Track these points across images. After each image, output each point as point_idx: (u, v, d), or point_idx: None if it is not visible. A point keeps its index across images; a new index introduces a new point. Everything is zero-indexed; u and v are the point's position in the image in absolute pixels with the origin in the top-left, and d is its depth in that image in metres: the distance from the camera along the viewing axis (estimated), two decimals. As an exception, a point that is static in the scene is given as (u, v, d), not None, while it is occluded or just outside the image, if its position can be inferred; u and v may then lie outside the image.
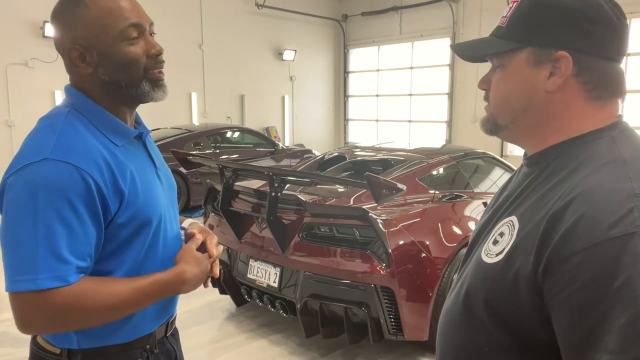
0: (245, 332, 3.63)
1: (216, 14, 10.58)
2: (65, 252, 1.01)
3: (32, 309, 1.01)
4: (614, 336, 0.64)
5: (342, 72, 13.68)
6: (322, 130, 13.50)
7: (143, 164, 1.20)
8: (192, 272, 1.18)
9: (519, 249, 0.78)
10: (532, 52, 0.83)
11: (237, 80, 11.21)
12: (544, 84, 0.83)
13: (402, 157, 4.04)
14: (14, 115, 8.34)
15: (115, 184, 1.09)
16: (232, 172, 3.42)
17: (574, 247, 0.69)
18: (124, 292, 1.08)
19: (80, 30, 1.09)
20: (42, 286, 0.99)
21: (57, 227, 1.01)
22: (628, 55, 8.66)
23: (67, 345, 1.14)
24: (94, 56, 1.10)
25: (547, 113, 0.85)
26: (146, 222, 1.15)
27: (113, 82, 1.12)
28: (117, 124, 1.15)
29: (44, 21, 8.29)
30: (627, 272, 0.65)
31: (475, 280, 0.86)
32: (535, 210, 0.79)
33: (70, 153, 1.04)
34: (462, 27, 10.91)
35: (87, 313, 1.05)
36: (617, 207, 0.69)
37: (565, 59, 0.80)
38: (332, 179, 3.66)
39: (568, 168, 0.80)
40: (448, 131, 11.57)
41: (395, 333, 2.92)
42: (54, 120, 1.11)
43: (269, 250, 3.28)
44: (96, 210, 1.06)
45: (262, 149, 8.18)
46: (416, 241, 3.00)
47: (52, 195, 1.01)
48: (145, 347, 1.22)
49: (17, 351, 3.36)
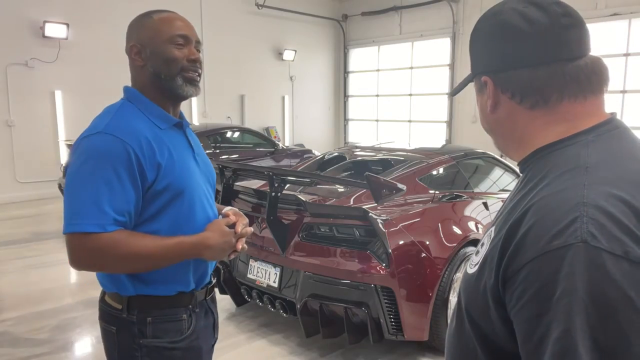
0: (245, 332, 3.63)
1: (216, 14, 10.58)
2: (106, 206, 1.28)
3: (79, 247, 1.29)
4: (550, 350, 0.64)
5: (342, 72, 13.69)
6: (322, 130, 13.50)
7: (182, 146, 1.47)
8: (216, 240, 1.41)
9: (487, 261, 0.78)
10: (475, 82, 0.91)
11: (237, 80, 11.21)
12: (487, 107, 0.88)
13: (402, 157, 4.03)
14: (14, 115, 8.34)
15: (153, 157, 1.35)
16: (232, 172, 3.42)
17: (523, 259, 0.69)
18: (150, 246, 1.33)
19: (141, 32, 1.43)
20: (85, 229, 1.26)
21: (102, 186, 1.28)
22: (628, 55, 8.67)
23: (127, 292, 1.40)
24: (147, 52, 1.42)
25: (502, 131, 0.89)
26: (180, 191, 1.39)
27: (156, 74, 1.42)
28: (160, 110, 1.44)
29: (44, 21, 8.29)
30: (563, 285, 0.64)
31: (462, 291, 0.87)
32: (505, 220, 0.78)
33: (119, 129, 1.33)
34: (462, 27, 10.91)
35: (120, 257, 1.30)
36: (562, 216, 0.68)
37: (488, 82, 0.86)
38: (332, 179, 3.66)
39: (537, 178, 0.80)
40: (448, 131, 11.57)
41: (395, 333, 2.92)
42: (112, 108, 1.42)
43: (269, 250, 3.28)
44: (134, 176, 1.32)
45: (262, 149, 8.18)
46: (416, 241, 3.00)
47: (101, 160, 1.29)
48: (188, 306, 1.46)
49: (17, 351, 3.36)
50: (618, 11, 8.68)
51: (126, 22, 1.52)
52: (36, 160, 8.56)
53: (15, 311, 4.00)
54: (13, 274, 4.92)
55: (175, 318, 1.44)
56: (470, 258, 0.87)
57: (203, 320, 1.55)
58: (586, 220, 0.66)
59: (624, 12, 8.69)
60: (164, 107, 1.46)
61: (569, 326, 0.63)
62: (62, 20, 8.53)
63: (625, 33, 8.74)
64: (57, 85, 8.71)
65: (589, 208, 0.67)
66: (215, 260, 1.51)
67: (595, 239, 0.64)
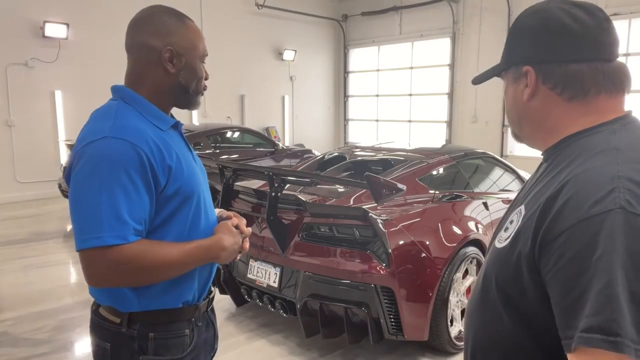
0: (245, 332, 3.63)
1: (216, 14, 10.58)
2: (125, 215, 1.19)
3: (99, 263, 1.18)
4: (591, 301, 0.72)
5: (342, 72, 13.69)
6: (322, 130, 13.50)
7: (183, 148, 1.41)
8: (229, 241, 1.38)
9: (522, 232, 0.87)
10: (512, 72, 0.99)
11: (237, 81, 11.22)
12: (522, 95, 0.97)
13: (402, 157, 4.03)
14: (14, 115, 8.34)
15: (163, 160, 1.28)
16: (232, 172, 3.42)
17: (562, 225, 0.78)
18: (174, 252, 1.27)
19: (177, 38, 1.34)
20: (107, 242, 1.17)
21: (118, 193, 1.19)
22: (628, 55, 8.67)
23: (128, 309, 1.31)
24: (182, 62, 1.36)
25: (534, 119, 0.98)
26: (189, 195, 1.34)
27: (185, 87, 1.38)
28: (158, 111, 1.36)
29: (44, 21, 8.29)
30: (603, 245, 0.73)
31: (489, 264, 0.95)
32: (537, 197, 0.88)
33: (126, 132, 1.24)
34: (462, 27, 10.91)
35: (145, 268, 1.23)
36: (600, 188, 0.77)
37: (530, 72, 0.94)
38: (332, 179, 3.66)
39: (567, 160, 0.89)
40: (448, 131, 11.57)
41: (395, 333, 2.92)
42: (107, 109, 1.32)
43: (269, 250, 3.28)
44: (148, 181, 1.24)
45: (262, 149, 8.18)
46: (416, 241, 3.00)
47: (113, 167, 1.19)
48: (191, 319, 1.40)
49: (17, 351, 3.36)
50: (618, 11, 8.68)
51: (126, 21, 1.43)
52: (36, 160, 8.56)
53: (15, 311, 4.01)
54: (13, 274, 4.92)
55: (178, 334, 1.38)
56: (498, 235, 0.96)
57: (204, 333, 1.49)
58: (622, 190, 0.76)
59: (624, 12, 8.69)
60: (163, 109, 1.40)
61: (610, 280, 0.71)
62: (62, 20, 8.53)
63: (625, 33, 8.74)
64: (57, 85, 8.71)
65: (624, 181, 0.77)
66: (226, 262, 1.47)
67: (632, 205, 0.74)
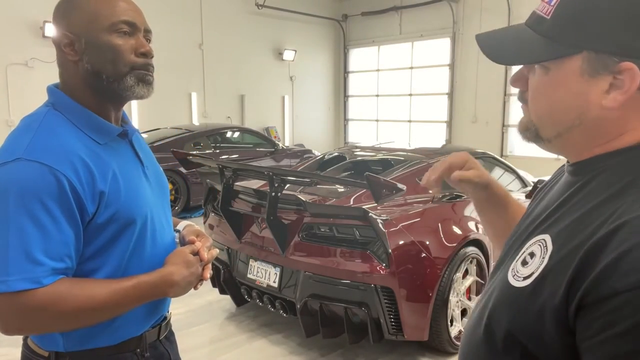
0: (245, 332, 3.63)
1: (216, 14, 10.58)
2: (38, 254, 0.99)
3: (6, 310, 1.00)
4: None
5: (342, 72, 13.68)
6: (322, 130, 13.50)
7: (128, 163, 1.18)
8: (181, 274, 1.14)
9: (550, 277, 0.66)
10: (588, 60, 0.67)
11: (237, 80, 11.21)
12: (601, 99, 0.67)
13: (402, 157, 4.04)
14: (14, 115, 8.33)
15: (93, 184, 1.06)
16: (232, 172, 3.42)
17: (617, 285, 0.58)
18: (103, 294, 1.05)
19: (74, 18, 1.10)
20: (13, 288, 0.97)
21: (29, 228, 0.99)
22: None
23: (54, 348, 1.13)
24: (82, 44, 1.09)
25: (600, 130, 0.70)
26: (130, 222, 1.12)
27: (95, 73, 1.11)
28: (98, 121, 1.13)
29: (44, 21, 8.29)
30: None
31: (499, 303, 0.74)
32: (574, 232, 0.67)
33: (44, 153, 1.02)
34: (462, 27, 10.91)
35: (64, 315, 1.03)
36: None
37: (631, 72, 0.65)
38: (332, 179, 3.66)
39: (615, 186, 0.67)
40: (448, 131, 11.57)
41: (395, 333, 2.92)
42: (32, 120, 1.10)
43: (269, 250, 3.28)
44: (72, 210, 1.03)
45: (262, 149, 8.18)
46: (416, 241, 3.00)
47: (24, 196, 0.99)
48: (135, 350, 1.18)
49: (17, 351, 3.35)
50: None
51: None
52: (36, 160, 8.56)
53: None
54: (13, 274, 4.92)
55: None
56: (512, 267, 0.74)
57: None
58: None
59: None
60: (103, 113, 1.15)
61: None
62: (62, 20, 8.53)
63: None
64: (57, 85, 8.71)
65: None
66: (178, 296, 1.20)
67: None
